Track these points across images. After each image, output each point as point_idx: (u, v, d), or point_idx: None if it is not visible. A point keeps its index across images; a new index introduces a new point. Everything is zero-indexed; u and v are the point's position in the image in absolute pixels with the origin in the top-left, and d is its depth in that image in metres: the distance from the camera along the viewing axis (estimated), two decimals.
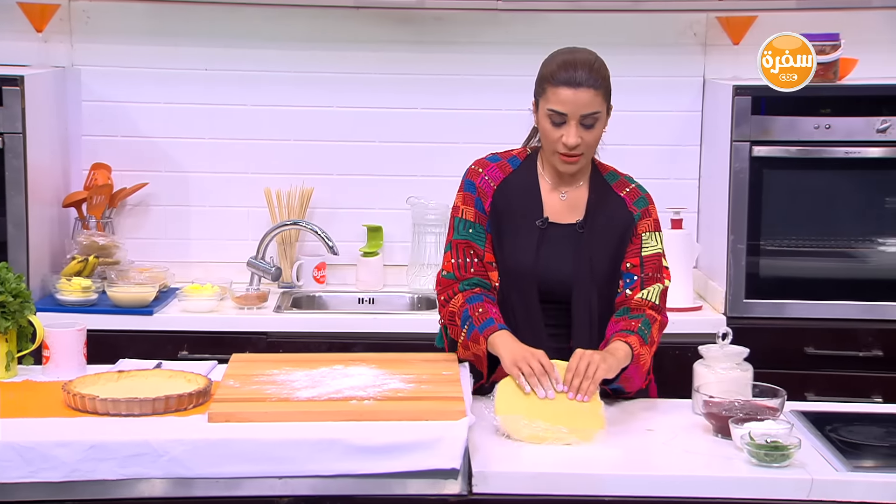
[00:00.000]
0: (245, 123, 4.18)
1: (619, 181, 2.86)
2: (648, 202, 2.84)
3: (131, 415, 2.41)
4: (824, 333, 3.74)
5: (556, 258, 2.75)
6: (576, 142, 2.69)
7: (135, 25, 4.12)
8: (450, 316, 2.78)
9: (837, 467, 2.36)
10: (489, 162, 2.86)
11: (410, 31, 4.14)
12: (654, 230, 2.81)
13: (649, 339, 2.71)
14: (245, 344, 3.60)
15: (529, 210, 2.79)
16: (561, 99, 2.68)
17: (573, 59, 2.71)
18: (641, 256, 2.79)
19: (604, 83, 2.70)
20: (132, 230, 4.19)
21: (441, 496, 2.32)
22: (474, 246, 2.78)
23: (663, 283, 2.80)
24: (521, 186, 2.81)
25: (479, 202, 2.80)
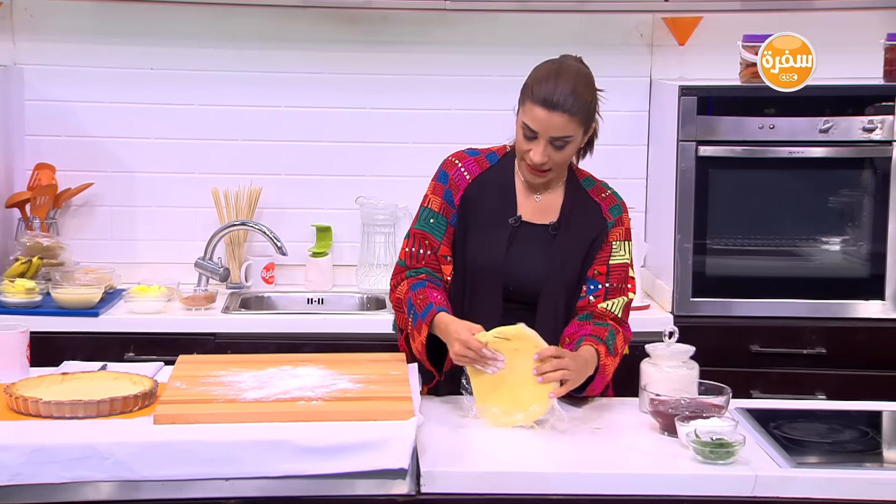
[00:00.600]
0: (192, 123, 4.15)
1: (595, 186, 2.87)
2: (623, 210, 2.85)
3: (75, 417, 2.38)
4: (769, 331, 3.78)
5: (526, 257, 2.76)
6: (542, 160, 2.69)
7: (79, 24, 4.07)
8: (397, 303, 2.79)
9: (781, 464, 2.39)
10: (467, 155, 2.86)
11: (358, 31, 4.14)
12: (624, 239, 2.83)
13: (614, 349, 2.73)
14: (193, 345, 3.58)
15: (503, 207, 2.79)
16: (534, 117, 2.66)
17: (557, 76, 2.67)
18: (609, 265, 2.79)
19: (582, 109, 2.67)
20: (77, 231, 4.14)
21: (389, 496, 2.32)
22: (430, 238, 2.78)
23: (627, 295, 2.81)
24: (496, 183, 2.81)
25: (448, 193, 2.79)
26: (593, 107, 2.73)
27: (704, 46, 4.12)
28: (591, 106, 2.73)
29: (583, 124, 2.70)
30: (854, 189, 3.87)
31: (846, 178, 3.87)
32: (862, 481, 2.34)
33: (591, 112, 2.73)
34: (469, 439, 2.52)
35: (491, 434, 2.54)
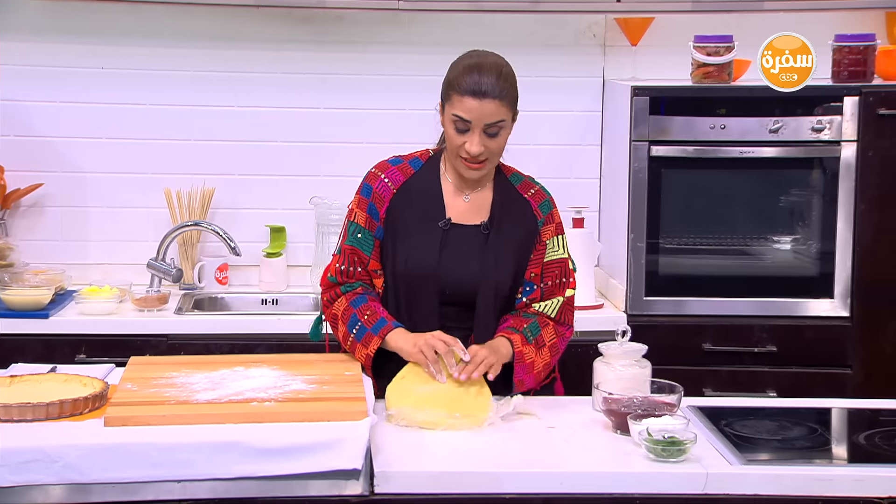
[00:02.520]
0: (144, 123, 4.12)
1: (523, 182, 2.87)
2: (552, 206, 2.86)
3: (24, 420, 2.35)
4: (721, 330, 3.82)
5: (460, 259, 2.76)
6: (479, 150, 2.70)
7: (28, 22, 4.03)
8: (333, 319, 2.78)
9: (731, 461, 2.41)
10: (390, 165, 2.85)
11: (311, 31, 4.12)
12: (557, 234, 2.83)
13: (536, 340, 2.73)
14: (145, 347, 3.55)
15: (431, 212, 2.79)
16: (466, 107, 2.67)
17: (480, 67, 2.70)
18: (543, 264, 2.80)
19: (510, 92, 2.71)
20: (27, 232, 4.10)
21: (342, 497, 2.31)
22: (360, 253, 2.78)
23: (564, 294, 2.81)
24: (422, 188, 2.80)
25: (372, 207, 2.78)
26: (517, 92, 2.77)
27: (656, 47, 4.15)
28: (516, 91, 2.76)
29: (511, 109, 2.74)
30: (803, 189, 3.92)
31: (796, 178, 3.91)
32: (811, 477, 2.37)
33: (517, 97, 2.77)
34: (423, 439, 2.52)
35: (444, 434, 2.54)
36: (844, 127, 3.78)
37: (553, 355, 2.78)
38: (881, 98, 3.77)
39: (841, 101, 3.77)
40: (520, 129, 4.15)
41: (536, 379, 2.77)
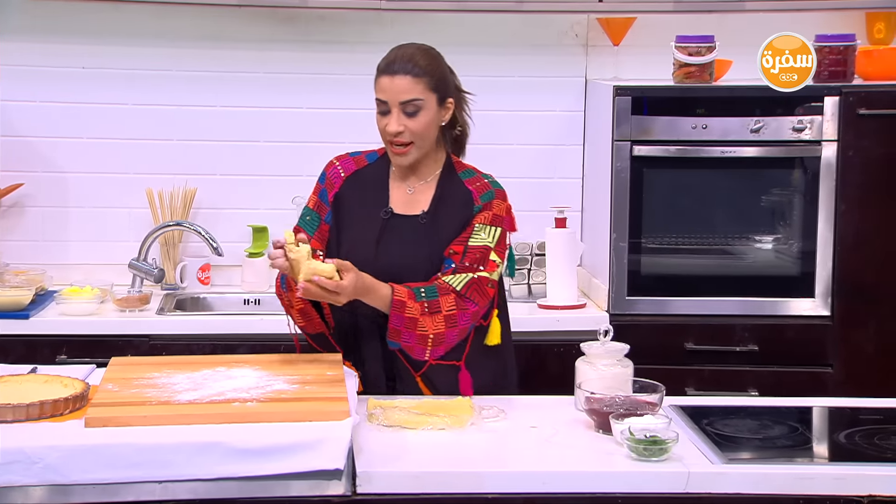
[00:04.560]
0: (126, 123, 4.10)
1: (473, 177, 2.91)
2: (495, 196, 2.87)
3: (4, 421, 2.34)
4: (703, 329, 3.83)
5: (397, 249, 2.80)
6: (397, 128, 2.76)
7: (8, 21, 4.01)
8: (278, 288, 2.83)
9: (713, 460, 2.41)
10: (348, 156, 2.96)
11: (294, 31, 4.12)
12: (489, 223, 2.84)
13: (430, 303, 2.70)
14: (127, 347, 3.54)
15: (375, 202, 2.85)
16: (381, 87, 2.78)
17: (398, 49, 2.81)
18: (467, 245, 2.81)
19: (425, 71, 2.77)
20: (7, 232, 4.08)
21: (325, 497, 2.31)
22: (303, 232, 2.81)
23: (476, 273, 2.79)
24: (371, 179, 2.88)
25: (323, 192, 2.88)
26: (443, 77, 2.81)
27: (638, 47, 4.16)
28: (439, 74, 2.81)
29: (432, 89, 2.78)
30: (785, 188, 3.93)
31: (777, 178, 3.93)
32: (792, 476, 2.37)
33: (441, 80, 2.81)
34: (405, 439, 2.52)
35: (427, 434, 2.54)
36: (825, 127, 3.79)
37: (449, 327, 2.73)
38: (861, 98, 3.78)
39: (821, 101, 3.79)
40: (503, 128, 4.22)
41: (420, 342, 2.72)
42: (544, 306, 3.90)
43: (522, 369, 3.71)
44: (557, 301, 3.89)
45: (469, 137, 2.97)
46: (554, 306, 3.89)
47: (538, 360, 3.74)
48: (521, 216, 4.16)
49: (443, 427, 2.56)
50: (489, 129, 4.20)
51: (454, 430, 2.56)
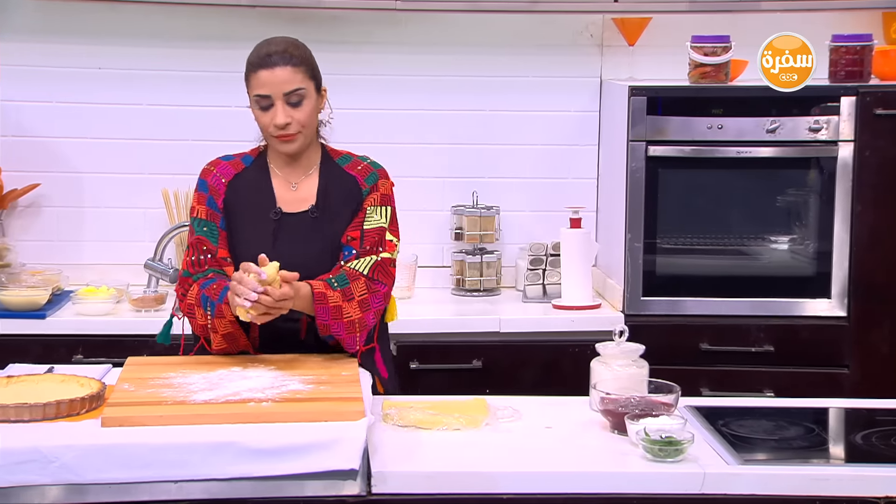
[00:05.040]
0: (141, 123, 4.11)
1: (351, 162, 2.93)
2: (379, 177, 2.90)
3: (20, 421, 2.35)
4: (718, 329, 3.82)
5: (293, 246, 2.80)
6: (284, 120, 2.78)
7: (23, 22, 4.02)
8: (189, 309, 2.80)
9: (728, 461, 2.41)
10: (221, 161, 2.95)
11: (306, 31, 4.06)
12: (380, 204, 2.87)
13: (343, 291, 2.72)
14: (142, 347, 3.54)
15: (262, 204, 2.86)
16: (261, 82, 2.77)
17: (268, 43, 2.82)
18: (363, 230, 2.84)
19: (302, 61, 2.80)
20: (24, 232, 4.09)
21: (339, 497, 2.31)
22: (207, 243, 2.83)
23: (378, 255, 2.82)
24: (252, 182, 2.88)
25: (211, 200, 2.86)
26: (315, 65, 2.85)
27: (654, 47, 4.15)
28: (313, 62, 2.85)
29: (310, 77, 2.81)
30: (801, 188, 3.92)
31: (793, 178, 3.91)
32: (808, 477, 2.36)
33: (316, 68, 2.85)
34: (420, 439, 2.52)
35: (442, 434, 2.54)
36: (841, 127, 3.78)
37: (364, 311, 2.75)
38: (878, 98, 3.77)
39: (838, 102, 3.77)
40: (517, 128, 4.22)
41: (349, 331, 2.73)
42: (559, 307, 3.90)
43: (537, 369, 3.75)
44: (572, 301, 3.89)
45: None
46: (569, 307, 3.88)
47: (553, 361, 3.74)
48: (535, 216, 4.23)
49: (458, 427, 2.56)
50: (504, 129, 4.22)
51: (469, 430, 2.56)
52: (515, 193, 4.23)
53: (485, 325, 3.80)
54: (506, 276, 4.19)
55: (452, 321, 3.84)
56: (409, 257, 4.04)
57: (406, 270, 4.00)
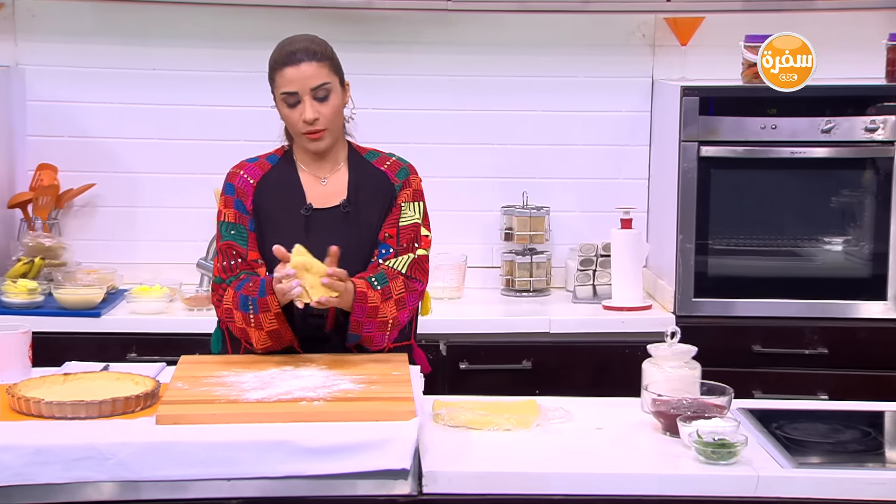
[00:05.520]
0: (194, 124, 4.15)
1: (379, 157, 2.94)
2: (410, 172, 2.91)
3: (77, 418, 2.38)
4: (771, 331, 3.78)
5: (325, 241, 2.75)
6: (313, 115, 2.78)
7: (81, 24, 4.08)
8: (227, 313, 2.79)
9: (783, 464, 2.39)
10: (247, 163, 2.94)
11: (358, 31, 4.13)
12: (413, 200, 2.87)
13: (382, 289, 2.73)
14: (194, 346, 3.54)
15: (292, 201, 2.86)
16: (287, 79, 2.78)
17: (291, 41, 2.83)
18: (399, 227, 2.84)
19: (325, 56, 2.81)
20: (79, 231, 4.14)
21: (391, 496, 2.32)
22: (236, 247, 2.83)
23: (415, 252, 2.83)
24: (280, 180, 2.88)
25: (238, 203, 2.86)
26: (337, 59, 2.85)
27: (706, 47, 4.12)
28: (335, 57, 2.85)
29: (335, 72, 2.82)
30: (856, 189, 3.87)
31: (848, 179, 3.87)
32: (863, 481, 2.34)
33: (338, 63, 2.85)
34: (471, 439, 2.52)
35: (492, 435, 2.54)
36: None
37: (400, 309, 2.75)
38: None
39: (895, 101, 3.72)
40: (568, 128, 4.21)
41: (380, 329, 2.74)
42: (609, 307, 3.89)
43: (587, 370, 3.74)
44: (623, 302, 3.87)
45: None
46: (619, 307, 3.87)
47: (603, 362, 3.72)
48: (586, 216, 4.22)
49: (508, 428, 2.56)
50: (554, 129, 4.21)
51: (520, 430, 2.56)
52: (566, 194, 4.22)
53: (535, 325, 3.80)
54: (555, 276, 4.18)
55: (502, 321, 3.84)
56: (459, 257, 4.05)
57: (456, 271, 4.01)
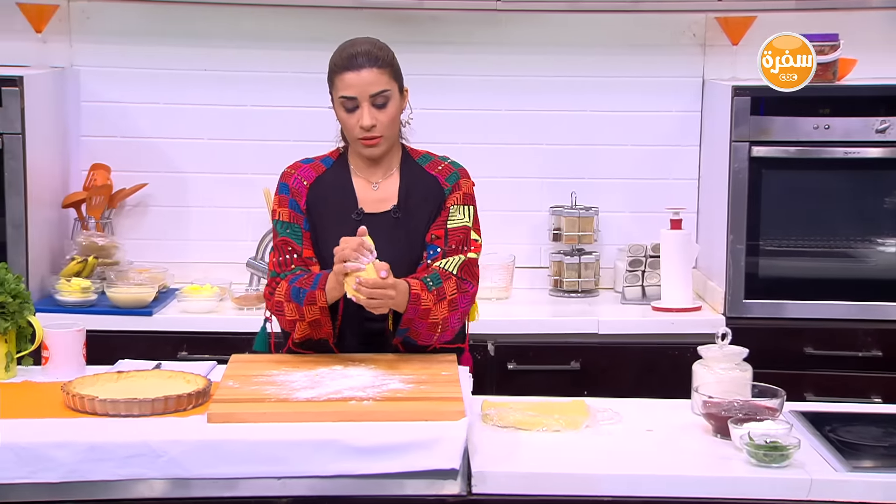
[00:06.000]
0: (244, 124, 4.18)
1: (431, 162, 2.93)
2: (461, 176, 2.90)
3: (130, 415, 2.41)
4: (823, 333, 3.74)
5: (375, 246, 2.73)
6: (370, 122, 2.78)
7: (134, 25, 4.12)
8: (277, 306, 2.80)
9: (836, 467, 2.36)
10: (302, 164, 2.95)
11: (408, 32, 4.14)
12: (463, 203, 2.86)
13: (437, 290, 2.72)
14: (244, 345, 3.57)
15: (344, 205, 2.86)
16: (347, 83, 2.77)
17: (352, 44, 2.83)
18: (447, 228, 2.83)
19: (386, 63, 2.80)
20: (131, 231, 4.19)
21: (440, 496, 2.32)
22: (292, 243, 2.84)
23: (466, 255, 2.81)
24: (333, 183, 2.89)
25: (293, 202, 2.87)
26: (397, 65, 2.85)
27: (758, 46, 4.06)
28: (396, 63, 2.85)
29: (394, 79, 2.81)
30: None
31: None
32: None
33: (398, 69, 2.85)
34: (520, 440, 2.51)
35: (541, 435, 2.54)
36: None
37: (452, 310, 2.74)
38: None
39: None
40: (618, 129, 4.19)
41: (430, 330, 2.73)
42: (658, 308, 3.87)
43: (635, 371, 3.72)
44: (672, 303, 3.85)
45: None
46: (668, 308, 3.84)
47: (652, 363, 3.70)
48: (634, 217, 4.20)
49: (557, 429, 2.55)
50: (604, 129, 4.19)
51: (569, 431, 2.55)
52: (614, 194, 4.20)
53: (583, 326, 3.78)
54: (604, 277, 4.16)
55: (550, 322, 3.84)
56: (507, 258, 4.04)
57: (503, 271, 4.01)
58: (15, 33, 4.06)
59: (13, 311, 2.73)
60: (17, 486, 2.27)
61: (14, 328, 2.74)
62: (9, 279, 2.73)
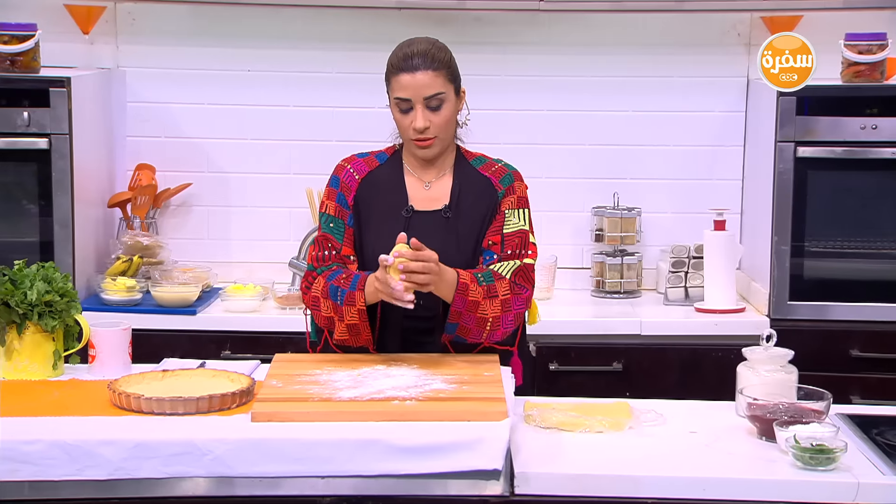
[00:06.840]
0: (287, 124, 4.20)
1: (485, 164, 2.91)
2: (514, 178, 2.88)
3: (175, 414, 2.42)
4: (869, 336, 3.70)
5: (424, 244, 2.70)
6: (424, 124, 2.76)
7: (179, 27, 4.15)
8: (313, 301, 2.79)
9: (884, 471, 2.33)
10: (356, 157, 2.95)
11: (450, 32, 4.11)
12: (518, 207, 2.84)
13: (488, 287, 2.70)
14: (287, 344, 3.62)
15: (395, 201, 2.85)
16: (402, 85, 2.76)
17: (409, 45, 2.81)
18: (503, 234, 2.81)
19: (442, 65, 2.78)
20: (175, 230, 4.22)
21: (483, 497, 2.32)
22: (333, 240, 2.84)
23: (522, 260, 2.79)
24: (386, 179, 2.88)
25: (341, 196, 2.87)
26: (456, 68, 2.84)
27: None
28: (453, 65, 2.83)
29: (450, 81, 2.80)
30: None
31: None
32: None
33: (456, 71, 2.83)
34: (563, 441, 2.51)
35: (584, 437, 2.53)
36: None
37: (504, 311, 2.72)
38: None
39: None
40: (662, 129, 4.17)
41: (479, 325, 2.70)
42: (702, 310, 3.84)
43: (678, 373, 3.70)
44: (715, 305, 3.83)
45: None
46: (712, 310, 3.82)
47: (695, 365, 3.69)
48: (678, 218, 4.17)
49: (600, 430, 2.55)
50: (647, 129, 4.17)
51: (612, 433, 2.54)
52: (657, 195, 4.18)
53: (625, 327, 3.77)
54: (646, 278, 4.14)
55: (592, 323, 3.82)
56: (549, 258, 4.03)
57: (545, 271, 4.00)
58: (63, 35, 4.10)
59: (61, 309, 2.76)
60: (64, 483, 2.29)
61: (62, 327, 2.77)
62: (56, 278, 2.76)
